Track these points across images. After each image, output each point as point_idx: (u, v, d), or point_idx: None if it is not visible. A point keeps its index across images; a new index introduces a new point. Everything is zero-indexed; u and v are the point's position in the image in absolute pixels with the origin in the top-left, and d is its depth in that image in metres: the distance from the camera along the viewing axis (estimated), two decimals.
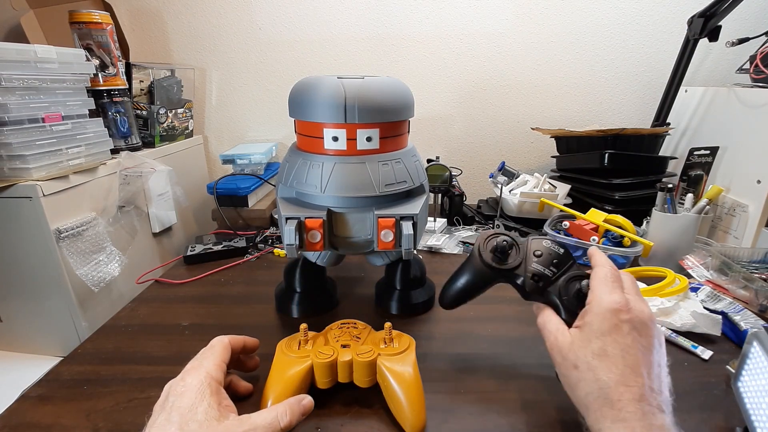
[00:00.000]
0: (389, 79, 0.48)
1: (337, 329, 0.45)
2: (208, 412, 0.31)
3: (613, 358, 0.32)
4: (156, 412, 0.32)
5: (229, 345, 0.40)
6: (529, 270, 0.41)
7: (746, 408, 0.35)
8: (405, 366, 0.39)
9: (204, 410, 0.31)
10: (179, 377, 0.35)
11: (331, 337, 0.44)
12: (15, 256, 0.60)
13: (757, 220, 0.71)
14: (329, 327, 0.46)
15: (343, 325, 0.46)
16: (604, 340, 0.33)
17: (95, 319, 0.63)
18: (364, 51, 1.04)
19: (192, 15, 1.01)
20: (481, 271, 0.42)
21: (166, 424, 0.30)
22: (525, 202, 0.84)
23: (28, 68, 0.59)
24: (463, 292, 0.44)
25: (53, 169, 0.61)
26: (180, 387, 0.33)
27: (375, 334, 0.45)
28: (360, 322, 0.47)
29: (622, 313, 0.33)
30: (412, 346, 0.42)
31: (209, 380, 0.34)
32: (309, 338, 0.43)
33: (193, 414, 0.31)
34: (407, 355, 0.41)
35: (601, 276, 0.37)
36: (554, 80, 1.05)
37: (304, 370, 0.39)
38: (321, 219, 0.46)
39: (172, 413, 0.31)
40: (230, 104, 1.09)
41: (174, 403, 0.32)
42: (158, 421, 0.31)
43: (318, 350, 0.41)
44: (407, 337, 0.44)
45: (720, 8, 0.78)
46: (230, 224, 0.87)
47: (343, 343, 0.42)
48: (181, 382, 0.34)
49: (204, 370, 0.35)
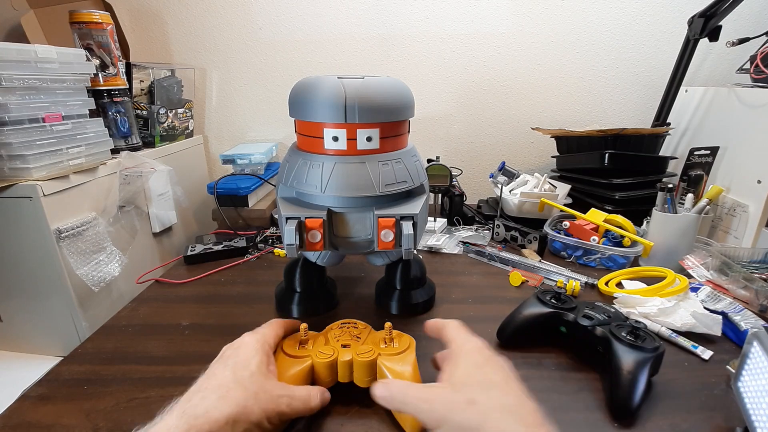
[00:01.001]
0: (389, 79, 0.48)
1: (337, 329, 0.45)
2: (259, 366, 0.35)
3: (500, 384, 0.32)
4: (214, 362, 0.37)
5: (284, 326, 0.44)
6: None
7: (746, 408, 0.35)
8: (405, 366, 0.39)
9: (256, 364, 0.35)
10: (237, 339, 0.39)
11: (331, 337, 0.44)
12: (15, 256, 0.60)
13: (758, 220, 0.71)
14: (329, 327, 0.46)
15: (344, 324, 0.46)
16: (485, 371, 0.33)
17: (95, 319, 0.63)
18: (364, 51, 1.04)
19: (192, 15, 1.02)
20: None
21: (222, 368, 0.35)
22: (525, 202, 0.84)
23: (28, 68, 0.59)
24: None
25: (53, 169, 0.61)
26: (237, 342, 0.38)
27: (375, 334, 0.45)
28: (360, 322, 0.47)
29: (486, 350, 0.35)
30: (412, 346, 0.42)
31: (263, 343, 0.39)
32: (309, 338, 0.43)
33: (246, 364, 0.35)
34: (407, 355, 0.41)
35: (455, 327, 0.39)
36: (554, 80, 1.05)
37: (304, 370, 0.39)
38: (321, 219, 0.46)
39: (228, 361, 0.36)
40: (230, 104, 1.09)
41: (230, 354, 0.37)
42: (214, 366, 0.36)
43: (318, 350, 0.41)
44: (407, 337, 0.44)
45: (720, 8, 0.78)
46: (230, 224, 0.87)
47: (343, 343, 0.42)
48: (239, 340, 0.39)
49: (260, 334, 0.40)
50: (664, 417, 0.40)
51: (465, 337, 0.37)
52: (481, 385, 0.31)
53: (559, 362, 0.48)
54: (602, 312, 0.47)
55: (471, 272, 0.70)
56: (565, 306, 0.49)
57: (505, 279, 0.67)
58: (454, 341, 0.37)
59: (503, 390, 0.31)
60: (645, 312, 0.53)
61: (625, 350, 0.41)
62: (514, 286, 0.65)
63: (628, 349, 0.41)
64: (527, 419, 0.29)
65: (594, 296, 0.62)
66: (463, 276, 0.68)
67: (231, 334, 0.52)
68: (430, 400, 0.31)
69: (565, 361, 0.48)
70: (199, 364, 0.47)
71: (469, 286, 0.65)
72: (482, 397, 0.30)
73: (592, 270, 0.70)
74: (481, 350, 0.35)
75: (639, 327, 0.43)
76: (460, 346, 0.36)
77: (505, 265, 0.71)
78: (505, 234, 0.79)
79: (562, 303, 0.50)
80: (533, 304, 0.51)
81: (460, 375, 0.33)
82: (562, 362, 0.48)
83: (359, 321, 0.47)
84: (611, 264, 0.70)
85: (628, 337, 0.42)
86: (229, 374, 0.34)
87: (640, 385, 0.39)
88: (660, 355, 0.42)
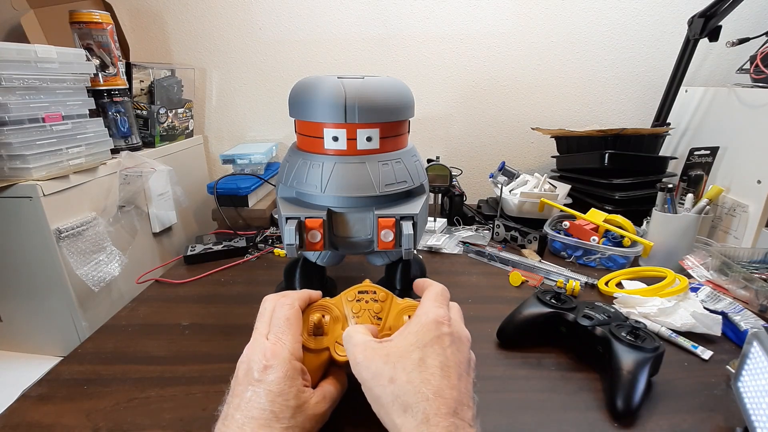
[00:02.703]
0: (389, 79, 0.48)
1: (354, 301, 0.41)
2: (297, 396, 0.32)
3: (431, 368, 0.31)
4: (240, 384, 0.33)
5: (300, 311, 0.39)
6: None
7: (746, 408, 0.35)
8: None
9: (294, 395, 0.32)
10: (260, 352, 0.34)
11: (349, 319, 0.40)
12: (15, 256, 0.60)
13: (757, 220, 0.71)
14: (345, 296, 0.42)
15: (361, 294, 0.41)
16: (425, 351, 0.32)
17: (95, 319, 0.63)
18: (364, 51, 1.04)
19: (192, 15, 1.02)
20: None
21: (256, 398, 0.31)
22: (525, 202, 0.84)
23: (28, 68, 0.59)
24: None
25: (53, 168, 0.61)
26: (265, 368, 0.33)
27: (397, 306, 0.41)
28: (380, 288, 0.42)
29: (443, 326, 0.33)
30: None
31: (293, 363, 0.34)
32: (324, 323, 0.39)
33: (285, 398, 0.32)
34: None
35: (433, 293, 0.37)
36: (554, 80, 1.05)
37: (322, 361, 0.38)
38: (321, 219, 0.46)
39: (259, 388, 0.32)
40: (230, 104, 1.09)
41: (261, 379, 0.32)
42: (247, 394, 0.32)
43: (335, 340, 0.38)
44: None
45: (720, 8, 0.78)
46: (230, 224, 0.87)
47: None
48: (265, 363, 0.33)
49: (287, 352, 0.34)
50: (664, 417, 0.40)
51: (432, 306, 0.35)
52: (410, 365, 0.31)
53: (559, 362, 0.48)
54: (602, 312, 0.47)
55: (471, 272, 0.70)
56: (565, 306, 0.49)
57: (505, 279, 0.67)
58: (422, 306, 0.36)
59: (428, 376, 0.30)
60: (645, 312, 0.53)
61: (625, 350, 0.41)
62: (514, 286, 0.65)
63: (628, 349, 0.41)
64: (432, 410, 0.28)
65: (594, 296, 0.62)
66: (463, 276, 0.68)
67: (231, 334, 0.52)
68: (363, 364, 0.32)
69: (565, 361, 0.48)
70: (199, 364, 0.47)
71: (469, 286, 0.65)
72: (403, 377, 0.30)
73: (592, 270, 0.70)
74: (434, 327, 0.33)
75: (639, 327, 0.43)
76: (421, 315, 0.35)
77: (505, 265, 0.71)
78: (505, 234, 0.79)
79: (562, 303, 0.50)
80: (533, 304, 0.51)
81: (401, 344, 0.33)
82: (562, 362, 0.48)
83: (379, 288, 0.42)
84: (611, 264, 0.70)
85: (628, 337, 0.42)
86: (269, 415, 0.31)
87: (640, 385, 0.39)
88: (660, 355, 0.42)
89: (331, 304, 0.42)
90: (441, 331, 0.33)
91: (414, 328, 0.34)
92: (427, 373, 0.30)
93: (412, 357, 0.31)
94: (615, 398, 0.40)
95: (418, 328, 0.34)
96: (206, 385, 0.44)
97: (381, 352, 0.33)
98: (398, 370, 0.31)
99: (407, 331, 0.34)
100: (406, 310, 0.40)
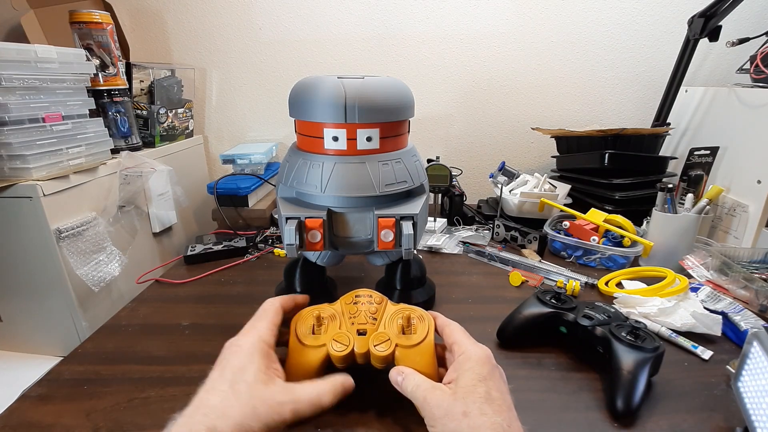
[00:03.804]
0: (389, 79, 0.48)
1: (351, 304, 0.44)
2: (256, 375, 0.34)
3: (497, 401, 0.34)
4: (214, 368, 0.36)
5: (281, 308, 0.42)
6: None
7: (746, 408, 0.35)
8: (422, 358, 0.39)
9: (253, 372, 0.34)
10: (235, 337, 0.38)
11: (346, 318, 0.42)
12: (15, 256, 0.60)
13: (758, 220, 0.71)
14: (344, 299, 0.44)
15: (357, 298, 0.44)
16: (488, 385, 0.34)
17: (95, 319, 0.63)
18: (364, 51, 1.04)
19: (192, 15, 1.02)
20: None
21: (220, 378, 0.34)
22: (525, 202, 0.84)
23: (28, 68, 0.59)
24: None
25: (53, 169, 0.61)
26: (234, 347, 0.37)
27: (391, 310, 0.43)
28: (376, 293, 0.45)
29: (492, 360, 0.37)
30: (431, 332, 0.41)
31: (260, 343, 0.37)
32: (322, 322, 0.42)
33: (242, 374, 0.34)
34: (425, 347, 0.40)
35: (460, 330, 0.40)
36: (554, 80, 1.05)
37: (319, 358, 0.39)
38: (321, 219, 0.46)
39: (225, 370, 0.35)
40: (230, 104, 1.09)
41: (228, 360, 0.36)
42: (213, 375, 0.35)
43: (333, 338, 0.40)
44: (426, 321, 0.42)
45: (720, 8, 0.78)
46: (230, 224, 0.87)
47: (359, 329, 0.41)
48: (236, 342, 0.37)
49: (256, 333, 0.38)
50: (664, 417, 0.40)
51: (472, 344, 0.38)
52: (479, 399, 0.33)
53: (559, 362, 0.48)
54: (602, 312, 0.47)
55: (471, 272, 0.70)
56: (565, 306, 0.49)
57: (505, 279, 0.67)
58: (461, 346, 0.38)
59: (497, 408, 0.33)
60: (645, 312, 0.53)
61: (625, 350, 0.41)
62: (514, 286, 0.65)
63: (628, 349, 0.41)
64: None
65: (594, 296, 0.62)
66: (463, 276, 0.68)
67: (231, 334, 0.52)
68: (433, 403, 0.34)
69: (565, 361, 0.48)
70: (199, 364, 0.47)
71: (469, 286, 0.65)
72: (476, 411, 0.32)
73: (592, 270, 0.70)
74: (487, 361, 0.37)
75: (639, 327, 0.43)
76: (468, 355, 0.37)
77: (505, 265, 0.71)
78: (505, 234, 0.79)
79: (562, 303, 0.50)
80: (533, 304, 0.51)
81: (463, 384, 0.35)
82: (562, 362, 0.48)
83: (374, 292, 0.45)
84: (611, 264, 0.70)
85: (628, 337, 0.42)
86: (227, 388, 0.33)
87: (640, 385, 0.40)
88: (660, 355, 0.42)
89: (328, 306, 0.44)
90: (492, 364, 0.37)
91: (468, 365, 0.36)
92: (494, 405, 0.33)
93: (479, 392, 0.34)
94: (615, 398, 0.40)
95: (472, 365, 0.36)
96: None
97: (447, 391, 0.35)
98: (469, 405, 0.33)
99: (462, 368, 0.36)
100: (400, 311, 0.42)
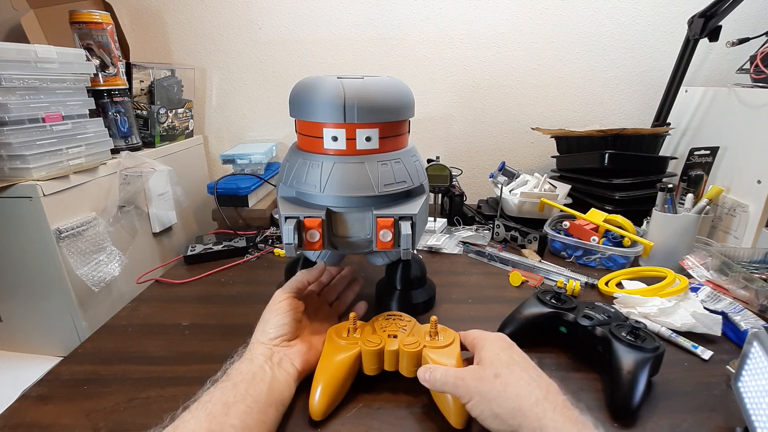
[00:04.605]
0: (389, 79, 0.48)
1: (383, 320, 0.48)
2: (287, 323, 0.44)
3: (522, 363, 0.37)
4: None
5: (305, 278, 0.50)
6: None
7: (746, 408, 0.35)
8: (450, 359, 0.41)
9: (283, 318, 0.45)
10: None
11: (378, 327, 0.46)
12: (15, 256, 0.60)
13: (758, 220, 0.71)
14: (375, 318, 0.48)
15: (390, 317, 0.48)
16: (510, 352, 0.39)
17: (95, 319, 0.63)
18: (364, 51, 1.04)
19: (192, 15, 1.02)
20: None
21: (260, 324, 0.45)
22: (525, 202, 0.84)
23: (28, 68, 0.59)
24: None
25: (53, 169, 0.61)
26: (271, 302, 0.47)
27: (420, 327, 0.46)
28: (405, 315, 0.49)
29: (508, 339, 0.41)
30: (456, 341, 0.44)
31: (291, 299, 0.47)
32: (357, 326, 0.45)
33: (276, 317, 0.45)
34: (452, 349, 0.42)
35: (477, 330, 0.43)
36: (554, 80, 1.05)
37: (352, 356, 0.42)
38: (320, 218, 0.46)
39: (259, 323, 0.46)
40: (230, 104, 1.09)
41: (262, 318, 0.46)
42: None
43: (366, 338, 0.43)
44: (452, 332, 0.45)
45: (720, 8, 0.78)
46: (230, 224, 0.87)
47: (390, 333, 0.44)
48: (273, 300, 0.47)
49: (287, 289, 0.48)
50: (664, 417, 0.40)
51: (486, 332, 0.43)
52: (505, 363, 0.37)
53: (559, 362, 0.48)
54: (602, 312, 0.47)
55: (471, 272, 0.70)
56: (565, 306, 0.49)
57: (505, 279, 0.67)
58: (478, 335, 0.42)
59: (524, 366, 0.36)
60: (645, 312, 0.53)
61: (625, 350, 0.41)
62: (514, 286, 0.65)
63: (628, 349, 0.41)
64: (544, 386, 0.34)
65: (594, 296, 0.62)
66: (463, 276, 0.68)
67: (231, 334, 0.52)
68: (463, 377, 0.37)
69: (565, 361, 0.48)
70: (199, 364, 0.47)
71: (469, 286, 0.65)
72: (506, 371, 0.36)
73: (592, 270, 0.70)
74: (504, 339, 0.41)
75: (639, 327, 0.43)
76: (485, 337, 0.41)
77: (505, 265, 0.71)
78: (505, 234, 0.79)
79: (562, 303, 0.50)
80: (533, 304, 0.51)
81: (486, 356, 0.38)
82: (562, 362, 0.48)
83: (404, 314, 0.49)
84: (611, 264, 0.70)
85: (628, 337, 0.42)
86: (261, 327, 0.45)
87: (640, 385, 0.39)
88: (660, 355, 0.42)
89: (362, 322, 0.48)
90: (509, 341, 0.41)
91: (486, 344, 0.40)
92: (521, 365, 0.37)
93: (502, 358, 0.37)
94: (615, 398, 0.40)
95: (490, 343, 0.40)
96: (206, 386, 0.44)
97: (475, 366, 0.38)
98: (498, 368, 0.36)
99: (483, 348, 0.39)
100: (426, 328, 0.46)
